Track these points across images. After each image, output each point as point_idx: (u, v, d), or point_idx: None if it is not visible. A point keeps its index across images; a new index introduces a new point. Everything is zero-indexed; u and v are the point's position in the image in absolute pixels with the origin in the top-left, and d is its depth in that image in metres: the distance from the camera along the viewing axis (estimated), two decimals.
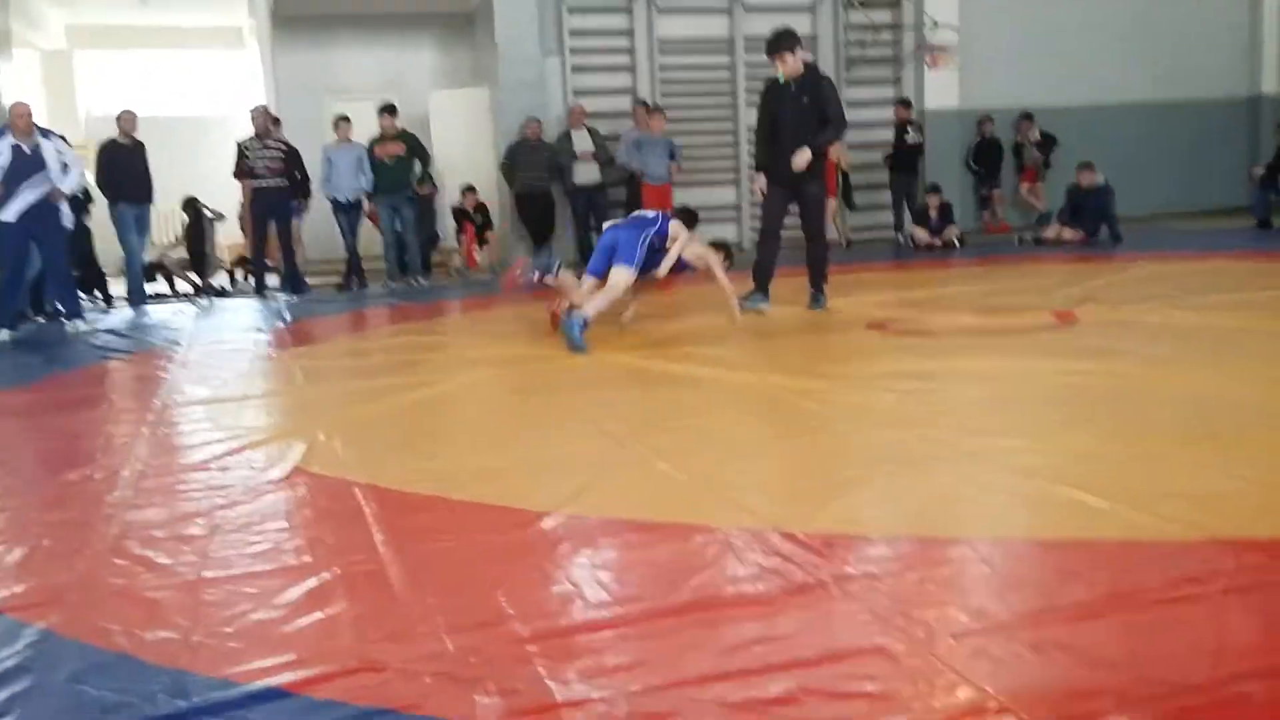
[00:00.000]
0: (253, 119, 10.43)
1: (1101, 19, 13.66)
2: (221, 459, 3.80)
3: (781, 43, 6.75)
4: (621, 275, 6.00)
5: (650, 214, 6.61)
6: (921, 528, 2.71)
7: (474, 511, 3.06)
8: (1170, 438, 3.40)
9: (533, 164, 11.31)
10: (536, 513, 2.94)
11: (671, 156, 11.12)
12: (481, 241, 11.67)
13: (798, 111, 6.75)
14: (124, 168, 9.77)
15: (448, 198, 12.12)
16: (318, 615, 2.35)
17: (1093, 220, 11.24)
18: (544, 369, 5.42)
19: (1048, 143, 13.23)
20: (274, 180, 10.18)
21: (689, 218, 6.79)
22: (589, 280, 6.19)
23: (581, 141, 11.35)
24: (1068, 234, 11.24)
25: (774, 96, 6.90)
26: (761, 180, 7.03)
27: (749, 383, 4.78)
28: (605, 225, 6.76)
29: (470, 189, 11.59)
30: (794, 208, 7.04)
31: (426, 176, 11.16)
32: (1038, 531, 2.67)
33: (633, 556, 2.68)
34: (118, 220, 9.82)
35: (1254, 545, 2.39)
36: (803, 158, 6.65)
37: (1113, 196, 11.30)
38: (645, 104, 11.52)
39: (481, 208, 11.65)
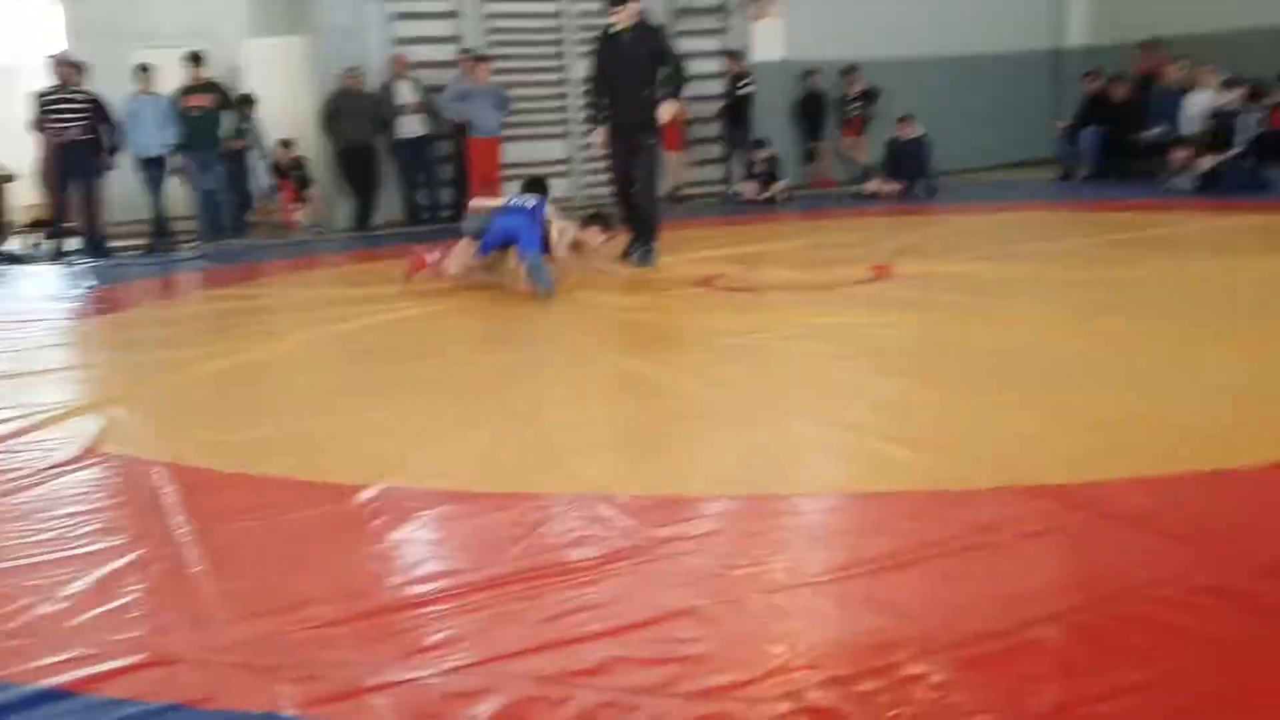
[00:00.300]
0: (54, 67, 9.68)
1: None
2: (6, 440, 3.52)
3: None
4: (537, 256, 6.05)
5: (530, 202, 6.49)
6: (738, 486, 2.74)
7: (282, 488, 2.93)
8: (974, 388, 3.54)
9: (354, 116, 10.90)
10: (350, 486, 2.83)
11: (501, 108, 10.89)
12: (301, 199, 11.22)
13: (634, 62, 6.72)
14: None
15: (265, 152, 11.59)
16: (106, 607, 2.21)
17: (910, 173, 11.62)
18: (364, 334, 5.24)
19: (870, 96, 13.57)
20: (77, 134, 9.50)
21: (539, 187, 6.76)
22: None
23: (404, 93, 11.00)
24: (887, 187, 11.59)
25: (608, 48, 6.85)
26: (599, 134, 6.99)
27: (574, 344, 4.74)
28: (493, 209, 6.55)
29: (287, 143, 11.10)
30: None
31: (240, 130, 10.63)
32: (849, 484, 2.74)
33: (450, 529, 2.61)
34: None
35: (1046, 491, 2.51)
36: (669, 110, 6.78)
37: (929, 149, 11.70)
38: (469, 53, 11.24)
39: (299, 163, 11.18)
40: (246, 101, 10.84)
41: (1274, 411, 3.11)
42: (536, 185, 6.85)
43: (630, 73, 6.72)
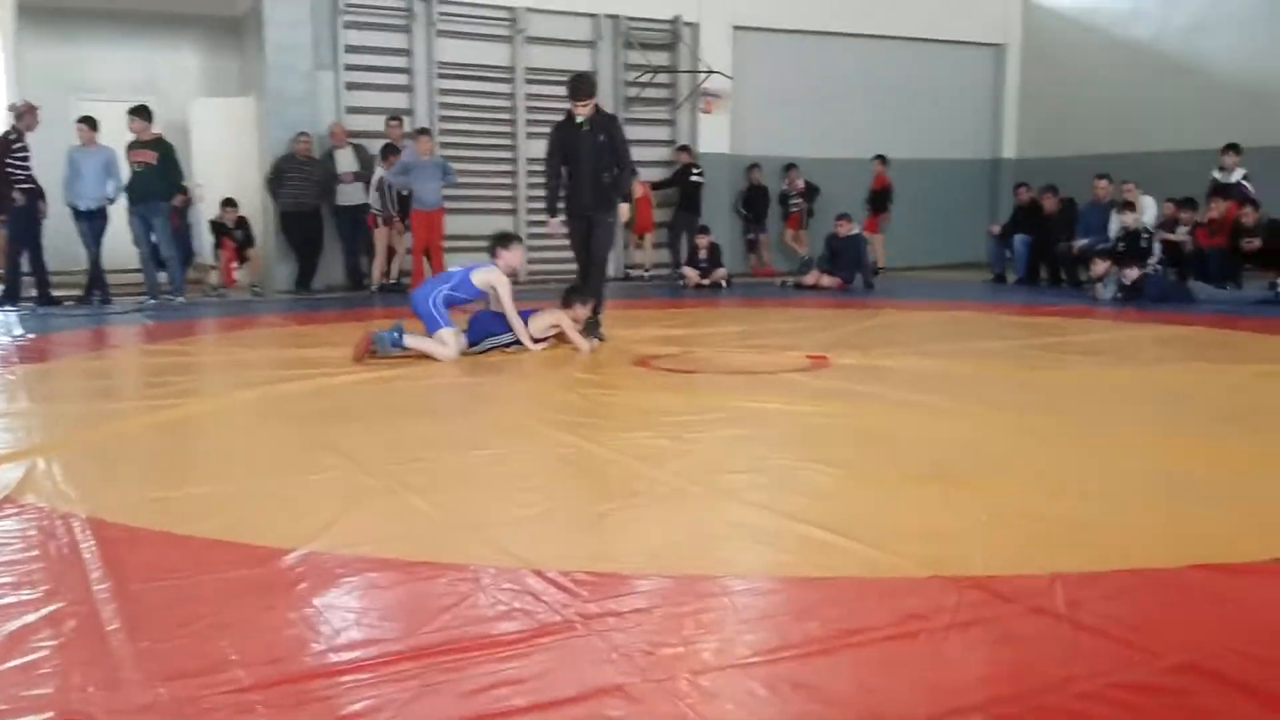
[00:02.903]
0: (21, 114, 9.63)
1: (863, 79, 14.55)
2: None
3: (588, 88, 7.04)
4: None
5: (452, 272, 6.62)
6: (669, 565, 2.74)
7: (206, 548, 2.86)
8: (905, 477, 3.59)
9: (300, 180, 10.94)
10: (275, 549, 2.78)
11: (443, 180, 10.98)
12: (242, 259, 11.14)
13: (594, 149, 6.99)
14: None
15: (206, 211, 11.51)
16: (15, 662, 2.13)
17: (849, 267, 11.89)
18: (299, 396, 5.19)
19: (811, 192, 13.93)
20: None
21: (504, 240, 6.81)
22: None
23: (344, 161, 11.08)
24: (826, 280, 11.84)
25: (568, 134, 7.08)
26: (556, 223, 7.18)
27: (510, 417, 4.73)
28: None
29: (230, 202, 11.05)
30: None
31: (175, 188, 10.58)
32: (779, 569, 2.75)
33: (376, 596, 2.57)
34: None
35: (976, 583, 2.54)
36: (625, 212, 7.36)
37: (866, 245, 12.02)
38: (395, 123, 11.34)
39: (242, 222, 11.12)
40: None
41: (1192, 513, 3.19)
42: (500, 239, 6.84)
43: (590, 158, 7.00)
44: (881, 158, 13.73)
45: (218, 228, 11.09)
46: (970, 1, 15.75)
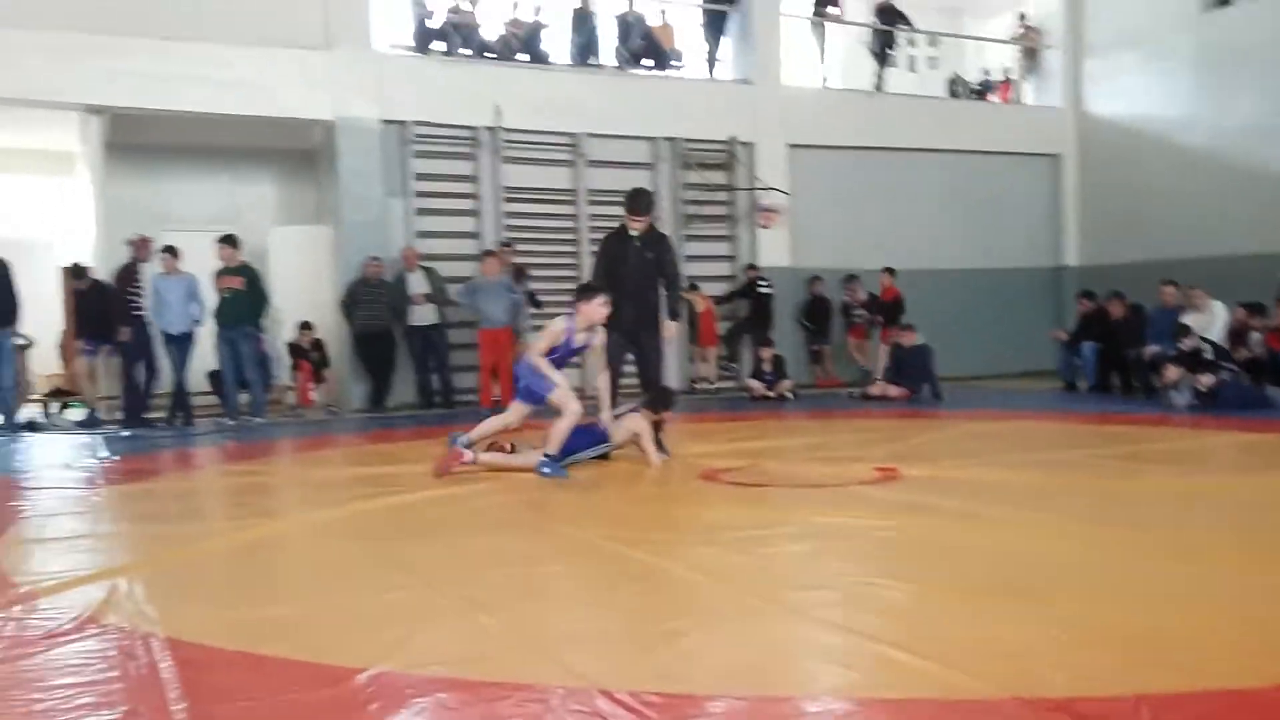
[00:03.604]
0: (138, 246, 10.28)
1: (922, 189, 14.71)
2: (9, 607, 3.50)
3: (646, 204, 7.13)
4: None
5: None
6: (741, 685, 2.70)
7: (282, 668, 2.89)
8: (981, 593, 3.52)
9: (371, 303, 11.27)
10: (348, 669, 2.80)
11: (511, 293, 11.27)
12: (318, 379, 11.42)
13: (642, 265, 7.02)
14: None
15: (284, 334, 11.88)
16: None
17: (915, 378, 11.83)
18: (373, 515, 5.26)
19: (874, 302, 13.95)
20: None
21: (585, 292, 6.70)
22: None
23: (416, 283, 11.41)
24: (892, 391, 11.78)
25: (619, 248, 7.11)
26: (602, 333, 7.20)
27: (579, 533, 4.74)
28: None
29: (307, 325, 11.40)
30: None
31: (262, 313, 10.97)
32: (854, 690, 2.69)
33: (443, 717, 2.57)
34: None
35: (1057, 705, 2.47)
36: (671, 331, 7.25)
37: (933, 356, 11.96)
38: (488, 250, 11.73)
39: (318, 344, 11.44)
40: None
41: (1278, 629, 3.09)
42: (577, 293, 6.82)
43: (636, 273, 7.01)
44: (890, 270, 13.66)
45: (295, 349, 11.41)
46: (1023, 113, 15.98)
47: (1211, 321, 10.62)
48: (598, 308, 6.53)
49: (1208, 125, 13.87)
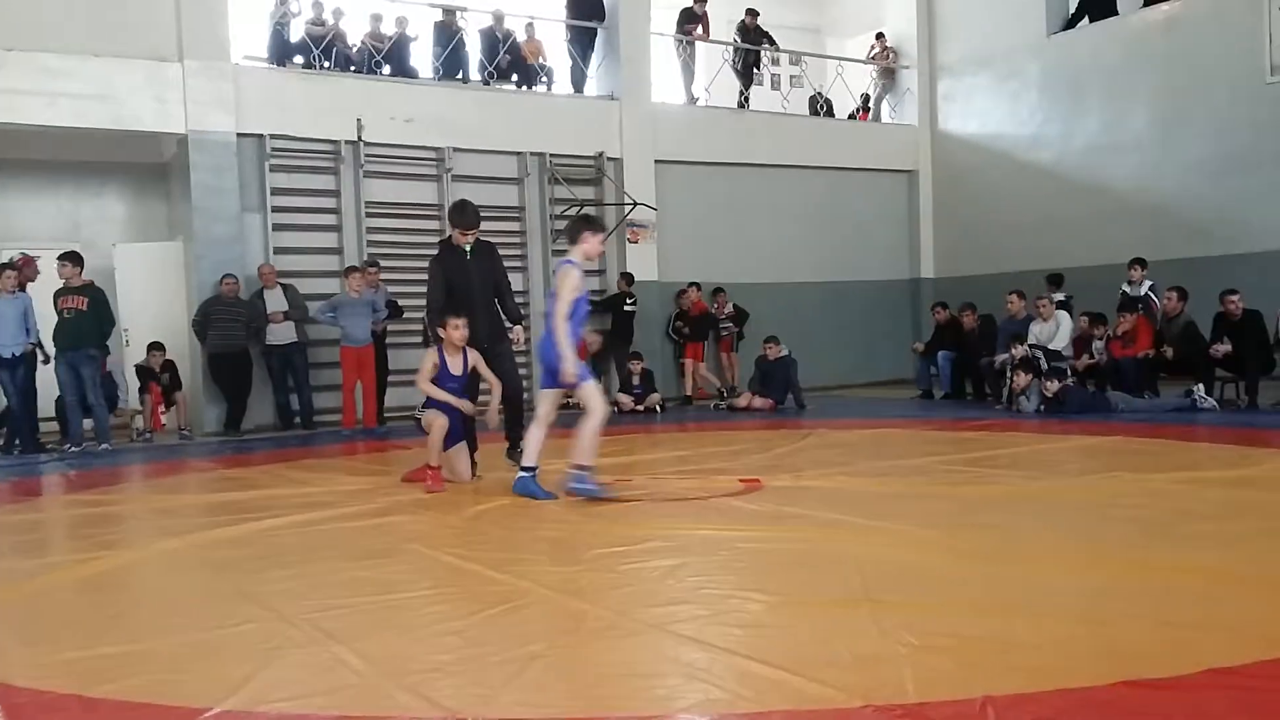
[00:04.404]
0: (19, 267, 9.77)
1: (784, 205, 15.04)
2: None
3: (477, 215, 6.97)
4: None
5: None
6: (601, 706, 2.68)
7: (117, 711, 2.74)
8: (835, 602, 3.58)
9: (228, 322, 10.91)
10: (190, 709, 2.67)
11: (375, 311, 11.09)
12: (169, 403, 10.97)
13: (483, 276, 6.96)
14: None
15: (132, 356, 11.38)
16: None
17: (780, 389, 12.05)
18: (224, 543, 5.06)
19: (740, 316, 14.17)
20: None
21: (590, 222, 6.21)
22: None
23: (274, 301, 11.10)
24: (758, 402, 11.98)
25: (454, 261, 6.95)
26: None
27: (440, 556, 4.65)
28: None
29: (157, 346, 10.94)
30: None
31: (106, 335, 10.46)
32: (713, 706, 2.70)
33: None
34: None
35: (908, 711, 2.52)
36: (520, 335, 7.17)
37: (796, 367, 12.22)
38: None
39: (169, 366, 10.99)
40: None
41: (1118, 628, 3.22)
42: (576, 225, 6.17)
43: (480, 284, 6.94)
44: (696, 285, 13.88)
45: (144, 371, 10.93)
46: (880, 131, 16.49)
47: (1057, 330, 11.11)
48: (597, 243, 6.12)
49: (1054, 143, 14.56)
